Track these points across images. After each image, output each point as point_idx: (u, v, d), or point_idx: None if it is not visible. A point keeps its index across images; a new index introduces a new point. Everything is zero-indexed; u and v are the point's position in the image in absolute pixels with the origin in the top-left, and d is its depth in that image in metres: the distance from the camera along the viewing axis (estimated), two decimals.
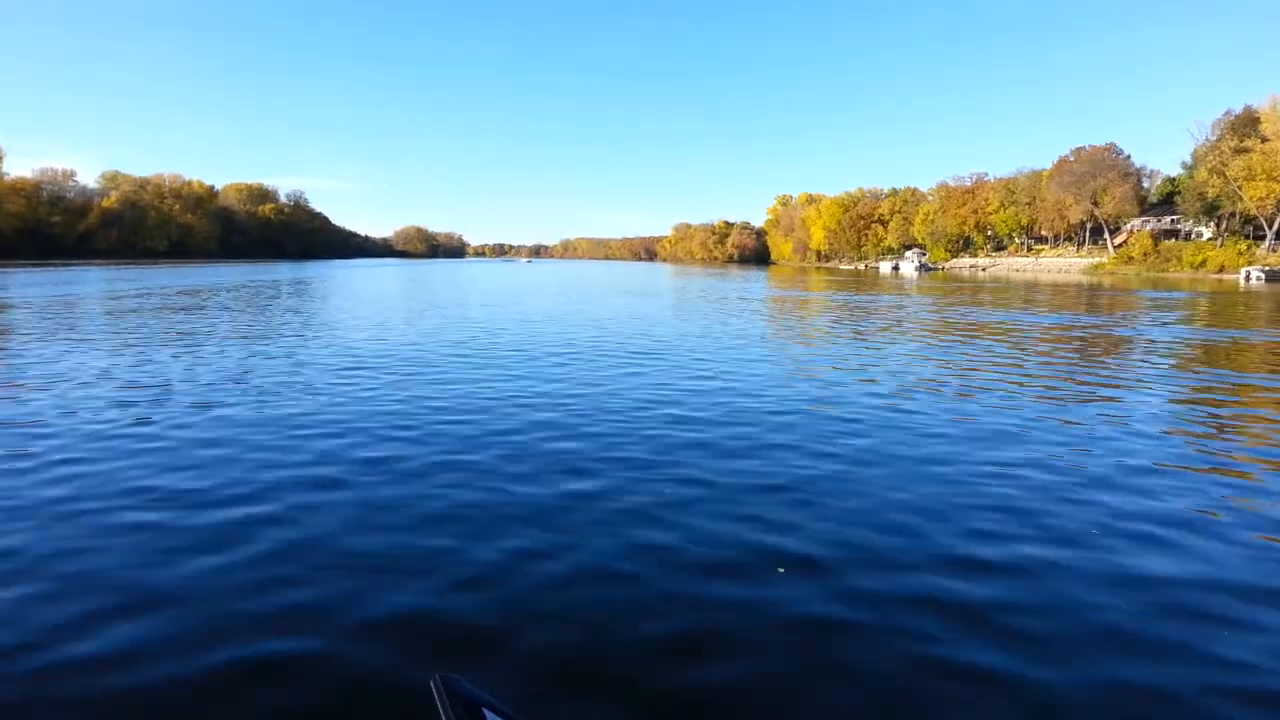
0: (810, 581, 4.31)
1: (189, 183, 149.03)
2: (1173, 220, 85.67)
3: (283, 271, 69.36)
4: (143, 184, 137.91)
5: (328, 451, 6.94)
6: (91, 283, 43.52)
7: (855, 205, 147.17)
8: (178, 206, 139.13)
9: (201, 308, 24.89)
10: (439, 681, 1.45)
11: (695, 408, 9.14)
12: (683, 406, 9.20)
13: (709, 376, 11.57)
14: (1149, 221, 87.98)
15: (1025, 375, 12.01)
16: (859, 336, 18.25)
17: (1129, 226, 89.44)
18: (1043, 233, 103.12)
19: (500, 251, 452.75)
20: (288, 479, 6.09)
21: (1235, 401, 10.18)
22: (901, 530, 5.09)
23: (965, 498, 5.79)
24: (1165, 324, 21.71)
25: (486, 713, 1.52)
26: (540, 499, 5.66)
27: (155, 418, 8.26)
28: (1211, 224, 78.88)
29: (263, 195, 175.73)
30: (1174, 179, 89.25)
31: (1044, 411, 9.15)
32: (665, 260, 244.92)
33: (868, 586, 4.25)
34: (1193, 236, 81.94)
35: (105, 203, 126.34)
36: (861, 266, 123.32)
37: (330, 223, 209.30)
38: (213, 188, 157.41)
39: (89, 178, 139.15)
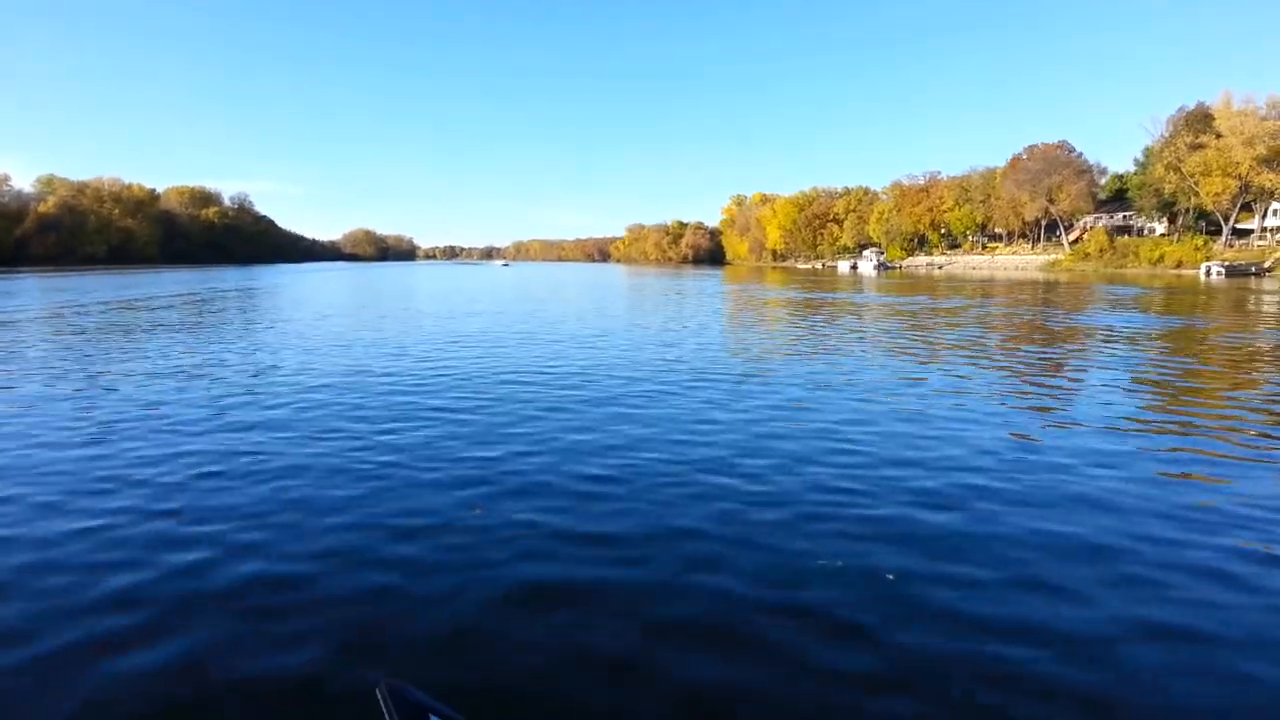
0: None
1: (129, 186, 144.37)
2: (1125, 216, 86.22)
3: (230, 278, 61.62)
4: (81, 188, 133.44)
5: None
6: (26, 294, 37.70)
7: (810, 204, 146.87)
8: (118, 211, 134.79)
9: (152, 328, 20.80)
10: (384, 688, 1.51)
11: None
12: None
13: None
14: (1102, 218, 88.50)
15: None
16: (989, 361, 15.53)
17: (1083, 223, 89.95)
18: (997, 230, 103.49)
19: (451, 254, 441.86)
20: None
21: None
22: None
23: None
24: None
25: (432, 717, 1.52)
26: None
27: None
28: (1165, 220, 79.45)
29: (206, 199, 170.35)
30: (1122, 176, 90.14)
31: None
32: (619, 261, 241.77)
33: None
34: (1145, 232, 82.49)
35: (42, 207, 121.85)
36: (819, 266, 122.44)
37: (276, 226, 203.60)
38: (154, 191, 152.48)
39: (24, 182, 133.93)
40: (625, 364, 12.91)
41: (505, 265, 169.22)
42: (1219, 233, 70.35)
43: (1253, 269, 56.67)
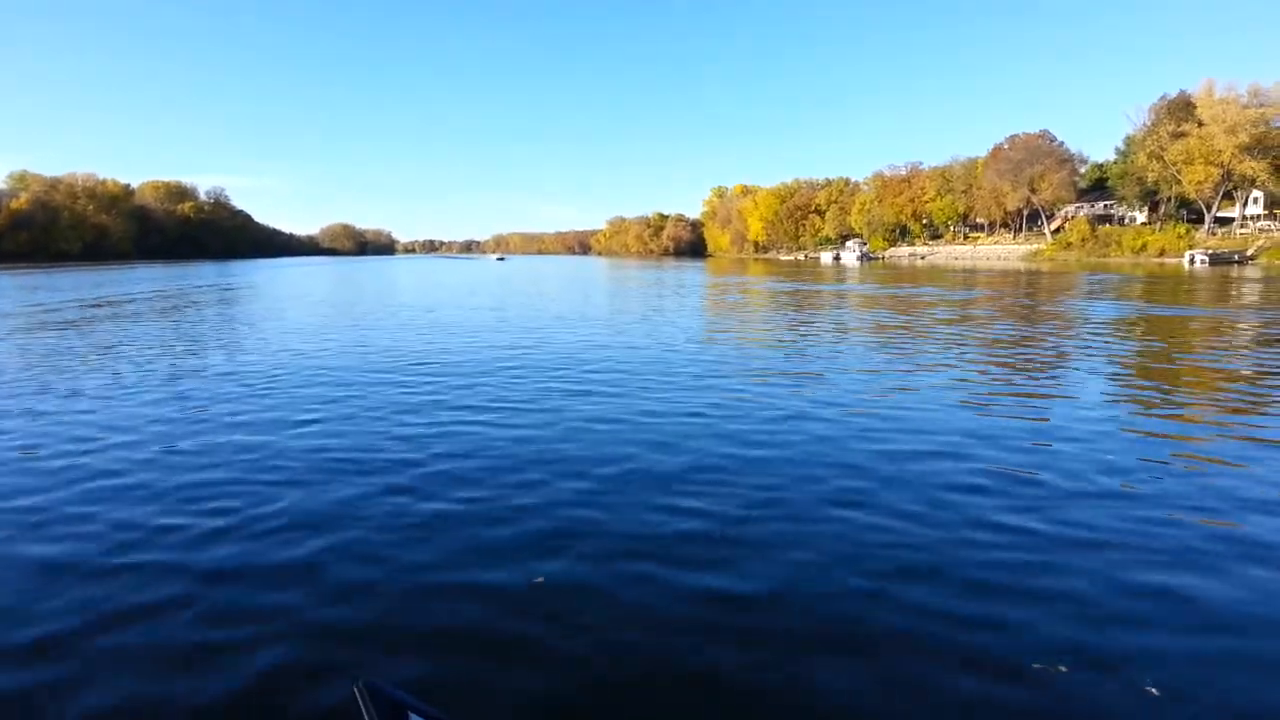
0: None
1: (103, 182, 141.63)
2: (1106, 205, 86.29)
3: (206, 275, 58.57)
4: (54, 184, 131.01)
5: None
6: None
7: (792, 196, 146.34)
8: (92, 207, 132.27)
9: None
10: (362, 687, 1.51)
11: None
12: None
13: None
14: (1083, 207, 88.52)
15: None
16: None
17: (1064, 212, 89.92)
18: (979, 220, 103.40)
19: (431, 248, 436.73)
20: None
21: None
22: None
23: None
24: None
25: (412, 715, 1.53)
26: None
27: None
28: (1146, 209, 79.51)
29: (181, 193, 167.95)
30: (1103, 165, 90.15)
31: None
32: (601, 254, 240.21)
33: None
34: (1127, 221, 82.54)
35: (14, 204, 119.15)
36: (801, 257, 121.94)
37: (253, 220, 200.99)
38: (128, 186, 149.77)
39: None
40: (654, 365, 11.77)
41: (501, 259, 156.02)
42: (1200, 221, 70.41)
43: (1236, 257, 56.54)
